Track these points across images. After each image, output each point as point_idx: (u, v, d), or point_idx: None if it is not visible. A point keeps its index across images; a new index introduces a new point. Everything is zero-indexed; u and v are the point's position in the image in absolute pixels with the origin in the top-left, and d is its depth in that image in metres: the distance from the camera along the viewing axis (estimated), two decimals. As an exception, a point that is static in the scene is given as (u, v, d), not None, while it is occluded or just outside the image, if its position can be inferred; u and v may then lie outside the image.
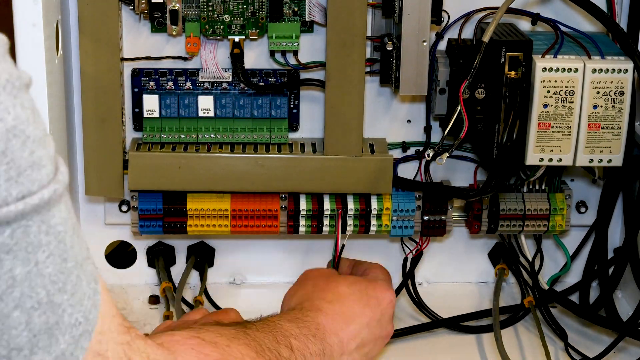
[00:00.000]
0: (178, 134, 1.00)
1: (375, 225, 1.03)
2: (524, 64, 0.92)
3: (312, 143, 1.03)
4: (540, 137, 0.94)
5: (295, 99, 1.03)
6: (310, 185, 1.01)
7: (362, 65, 0.97)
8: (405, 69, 0.96)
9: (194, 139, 1.00)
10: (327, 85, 0.97)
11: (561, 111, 0.93)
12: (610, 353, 1.00)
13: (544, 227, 1.04)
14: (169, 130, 1.00)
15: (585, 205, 1.09)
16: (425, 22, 0.94)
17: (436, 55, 0.99)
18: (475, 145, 1.03)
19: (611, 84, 0.93)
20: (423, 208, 1.04)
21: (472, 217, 1.05)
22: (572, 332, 1.04)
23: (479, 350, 1.03)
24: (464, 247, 1.12)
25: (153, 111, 1.01)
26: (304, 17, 0.99)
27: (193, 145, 1.01)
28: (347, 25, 0.95)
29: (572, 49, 0.95)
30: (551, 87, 0.93)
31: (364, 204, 1.02)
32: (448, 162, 1.04)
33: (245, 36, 0.99)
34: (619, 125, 0.94)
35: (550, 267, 1.10)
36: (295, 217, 1.02)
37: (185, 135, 1.01)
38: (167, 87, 1.01)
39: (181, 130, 1.00)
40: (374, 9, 0.99)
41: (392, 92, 1.04)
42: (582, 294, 1.06)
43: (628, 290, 1.09)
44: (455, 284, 1.12)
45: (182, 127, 1.01)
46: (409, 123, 1.06)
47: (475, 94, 0.95)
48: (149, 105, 1.01)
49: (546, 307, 1.05)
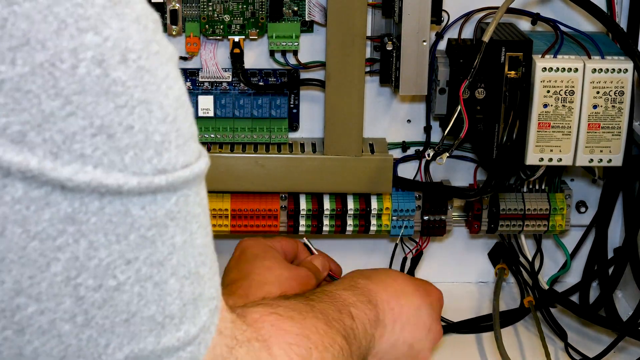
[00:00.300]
0: (178, 134, 1.00)
1: (375, 225, 1.03)
2: (524, 63, 0.92)
3: (312, 143, 1.03)
4: (540, 137, 0.94)
5: (295, 99, 1.03)
6: (310, 185, 1.01)
7: (362, 65, 0.97)
8: (405, 69, 0.96)
9: (194, 138, 1.00)
10: (327, 85, 0.97)
11: (561, 111, 0.93)
12: (610, 353, 1.00)
13: (544, 227, 1.04)
14: (169, 130, 1.00)
15: (585, 205, 1.09)
16: (425, 22, 0.94)
17: (436, 55, 0.99)
18: (475, 145, 1.03)
19: (611, 83, 0.93)
20: (423, 208, 1.04)
21: (472, 217, 1.05)
22: (572, 332, 1.04)
23: (479, 350, 1.03)
24: (464, 247, 1.12)
25: (153, 111, 1.01)
26: (304, 17, 0.99)
27: (193, 145, 1.01)
28: (347, 25, 0.95)
29: (572, 49, 0.95)
30: (551, 87, 0.93)
31: (364, 204, 1.02)
32: (448, 162, 1.04)
33: (245, 36, 0.99)
34: (619, 125, 0.94)
35: (550, 267, 1.10)
36: (295, 217, 1.02)
37: (185, 135, 1.00)
38: (167, 87, 1.01)
39: (181, 130, 1.00)
40: (374, 9, 0.99)
41: (392, 92, 1.04)
42: (582, 294, 1.06)
43: (628, 290, 1.09)
44: (455, 284, 1.12)
45: (182, 127, 1.00)
46: (409, 123, 1.06)
47: (475, 94, 0.95)
48: (149, 105, 1.00)
49: (546, 307, 1.05)
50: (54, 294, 0.47)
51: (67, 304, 0.47)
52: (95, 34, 0.45)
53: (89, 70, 0.45)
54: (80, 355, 0.48)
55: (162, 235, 0.50)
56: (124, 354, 0.50)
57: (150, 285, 0.50)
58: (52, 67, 0.44)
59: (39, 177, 0.45)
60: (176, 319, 0.52)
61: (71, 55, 0.45)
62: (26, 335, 0.47)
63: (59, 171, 0.45)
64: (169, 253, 0.50)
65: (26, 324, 0.47)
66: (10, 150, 0.44)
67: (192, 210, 0.52)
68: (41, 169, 0.45)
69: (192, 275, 0.53)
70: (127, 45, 0.46)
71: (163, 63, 0.49)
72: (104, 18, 0.46)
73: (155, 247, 0.49)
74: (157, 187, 0.48)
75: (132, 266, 0.48)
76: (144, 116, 0.47)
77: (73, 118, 0.45)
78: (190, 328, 0.53)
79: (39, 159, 0.44)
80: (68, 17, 0.45)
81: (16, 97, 0.44)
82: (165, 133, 0.49)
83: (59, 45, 0.44)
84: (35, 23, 0.44)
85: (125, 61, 0.46)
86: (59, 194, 0.45)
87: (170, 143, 0.49)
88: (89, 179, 0.46)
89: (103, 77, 0.46)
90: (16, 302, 0.46)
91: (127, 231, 0.48)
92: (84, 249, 0.47)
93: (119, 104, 0.46)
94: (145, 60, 0.47)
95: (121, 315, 0.49)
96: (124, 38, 0.46)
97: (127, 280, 0.49)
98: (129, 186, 0.47)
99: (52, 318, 0.47)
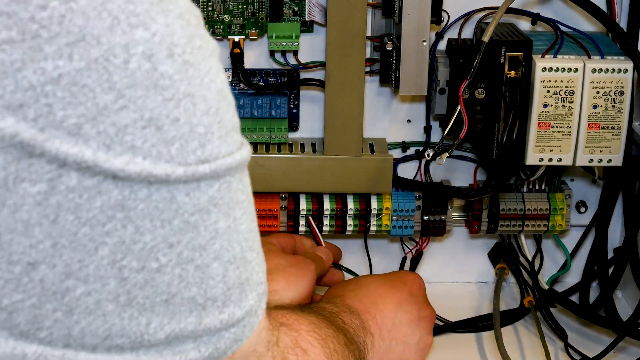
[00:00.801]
0: (178, 134, 1.00)
1: (375, 225, 1.03)
2: (524, 63, 0.92)
3: (312, 143, 1.03)
4: (540, 137, 0.94)
5: (295, 99, 1.03)
6: (310, 185, 1.01)
7: (362, 65, 0.97)
8: (405, 69, 0.96)
9: (194, 138, 1.00)
10: (327, 85, 0.97)
11: (561, 111, 0.93)
12: (610, 353, 1.00)
13: (544, 227, 1.04)
14: (169, 130, 1.00)
15: (585, 205, 1.09)
16: (425, 22, 0.94)
17: (436, 55, 0.99)
18: (475, 145, 1.03)
19: (611, 83, 0.93)
20: (423, 208, 1.04)
21: (472, 217, 1.05)
22: (572, 332, 1.04)
23: (479, 350, 1.03)
24: (464, 247, 1.12)
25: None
26: (303, 17, 0.99)
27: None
28: (347, 25, 0.95)
29: (572, 49, 0.95)
30: (551, 87, 0.93)
31: (364, 204, 1.02)
32: (448, 162, 1.04)
33: (245, 36, 0.99)
34: (619, 125, 0.94)
35: (550, 267, 1.10)
36: (295, 217, 1.02)
37: (185, 135, 1.00)
38: (167, 87, 1.01)
39: (181, 130, 1.00)
40: (374, 9, 0.99)
41: (392, 92, 1.04)
42: (582, 294, 1.06)
43: (628, 290, 1.09)
44: (455, 283, 1.12)
45: (182, 127, 1.00)
46: (409, 123, 1.06)
47: (475, 94, 0.95)
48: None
49: (546, 307, 1.05)
50: (100, 276, 0.49)
51: (111, 285, 0.49)
52: (144, 29, 0.47)
53: (140, 65, 0.47)
54: (123, 334, 0.51)
55: (205, 220, 0.52)
56: (165, 332, 0.52)
57: (192, 268, 0.52)
58: (106, 62, 0.46)
59: (93, 167, 0.47)
60: (219, 301, 0.54)
61: (123, 50, 0.47)
62: (74, 316, 0.49)
63: (111, 162, 0.47)
64: (212, 238, 0.52)
65: (74, 305, 0.49)
66: (67, 142, 0.46)
67: (235, 196, 0.54)
68: (95, 160, 0.47)
69: (238, 260, 0.54)
70: (172, 40, 0.48)
71: (206, 57, 0.51)
72: (151, 14, 0.48)
73: (198, 232, 0.51)
74: (201, 175, 0.50)
75: (174, 249, 0.51)
76: (189, 109, 0.49)
77: (125, 111, 0.47)
78: (236, 311, 0.55)
79: (93, 150, 0.47)
80: (120, 13, 0.47)
81: (73, 91, 0.46)
82: (208, 125, 0.51)
83: (112, 41, 0.46)
84: (90, 19, 0.46)
85: (172, 55, 0.48)
86: (110, 182, 0.48)
87: (213, 134, 0.51)
88: (140, 169, 0.48)
89: (152, 71, 0.48)
90: (66, 285, 0.48)
91: (171, 217, 0.50)
92: (130, 234, 0.49)
93: (166, 97, 0.48)
94: (189, 55, 0.49)
95: (161, 296, 0.51)
96: (169, 33, 0.48)
97: (169, 263, 0.51)
98: (176, 175, 0.49)
99: (98, 299, 0.49)
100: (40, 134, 0.46)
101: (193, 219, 0.51)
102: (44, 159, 0.46)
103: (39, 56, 0.45)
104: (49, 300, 0.48)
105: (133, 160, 0.48)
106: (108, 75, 0.46)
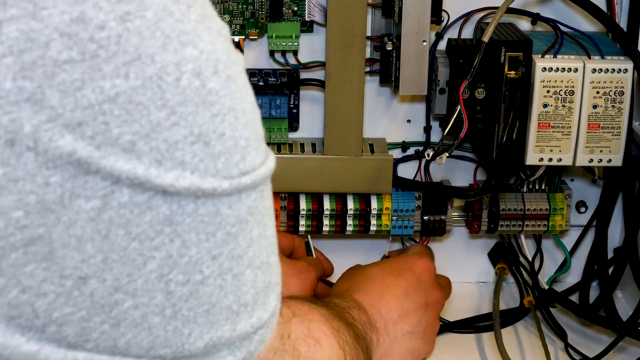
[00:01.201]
0: (178, 134, 1.00)
1: (375, 225, 1.03)
2: (524, 63, 0.92)
3: (312, 143, 1.03)
4: (540, 137, 0.94)
5: (295, 99, 1.03)
6: (310, 185, 1.01)
7: (362, 65, 0.97)
8: (405, 69, 0.96)
9: (193, 138, 1.00)
10: (327, 85, 0.97)
11: (561, 111, 0.93)
12: (610, 353, 1.00)
13: (544, 227, 1.04)
14: (168, 130, 1.00)
15: (585, 205, 1.09)
16: (425, 22, 0.94)
17: (436, 55, 0.99)
18: (475, 145, 1.03)
19: (611, 83, 0.93)
20: (423, 208, 1.04)
21: (472, 217, 1.05)
22: (572, 332, 1.04)
23: (479, 350, 1.03)
24: (464, 247, 1.12)
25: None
26: (303, 17, 0.99)
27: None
28: (347, 25, 0.95)
29: (572, 49, 0.95)
30: (551, 87, 0.93)
31: (364, 204, 1.02)
32: (448, 162, 1.04)
33: (245, 36, 0.99)
34: (619, 125, 0.94)
35: (550, 267, 1.10)
36: (295, 217, 1.02)
37: (185, 135, 1.00)
38: (167, 87, 1.01)
39: (181, 130, 1.00)
40: (374, 9, 0.99)
41: (392, 92, 1.04)
42: (582, 294, 1.06)
43: (628, 290, 1.09)
44: (455, 283, 1.12)
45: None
46: (409, 123, 1.06)
47: (475, 94, 0.95)
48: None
49: (546, 307, 1.05)
50: (148, 290, 0.50)
51: (158, 298, 0.51)
52: (193, 47, 0.49)
53: (190, 82, 0.49)
54: (166, 345, 0.52)
55: (243, 230, 0.53)
56: (204, 341, 0.53)
57: (230, 277, 0.53)
58: (160, 80, 0.48)
59: (144, 183, 0.48)
60: (249, 306, 0.55)
61: (175, 68, 0.48)
62: (121, 329, 0.50)
63: (162, 177, 0.48)
64: (247, 246, 0.54)
65: (122, 318, 0.50)
66: (121, 159, 0.47)
67: (266, 203, 0.56)
68: (147, 176, 0.48)
69: (264, 265, 0.56)
70: (217, 57, 0.50)
71: (240, 70, 0.53)
72: (198, 32, 0.50)
73: (237, 242, 0.53)
74: (243, 187, 0.52)
75: (216, 261, 0.52)
76: (233, 123, 0.51)
77: (176, 127, 0.48)
78: (263, 314, 0.57)
79: (145, 166, 0.48)
80: (171, 32, 0.48)
81: (129, 108, 0.47)
82: (247, 137, 0.52)
83: (165, 59, 0.48)
84: (145, 39, 0.47)
85: (217, 72, 0.50)
86: (160, 198, 0.49)
87: (251, 146, 0.53)
88: (189, 184, 0.49)
89: (201, 87, 0.49)
90: (114, 298, 0.50)
91: (215, 229, 0.51)
92: (177, 248, 0.50)
93: (213, 113, 0.50)
94: (230, 70, 0.51)
95: (203, 307, 0.52)
96: (213, 50, 0.50)
97: (212, 274, 0.52)
98: (222, 189, 0.51)
99: (145, 312, 0.51)
100: (97, 151, 0.46)
101: (234, 230, 0.52)
102: (98, 175, 0.47)
103: (98, 75, 0.46)
104: (98, 314, 0.49)
105: (182, 175, 0.49)
106: (161, 92, 0.48)
